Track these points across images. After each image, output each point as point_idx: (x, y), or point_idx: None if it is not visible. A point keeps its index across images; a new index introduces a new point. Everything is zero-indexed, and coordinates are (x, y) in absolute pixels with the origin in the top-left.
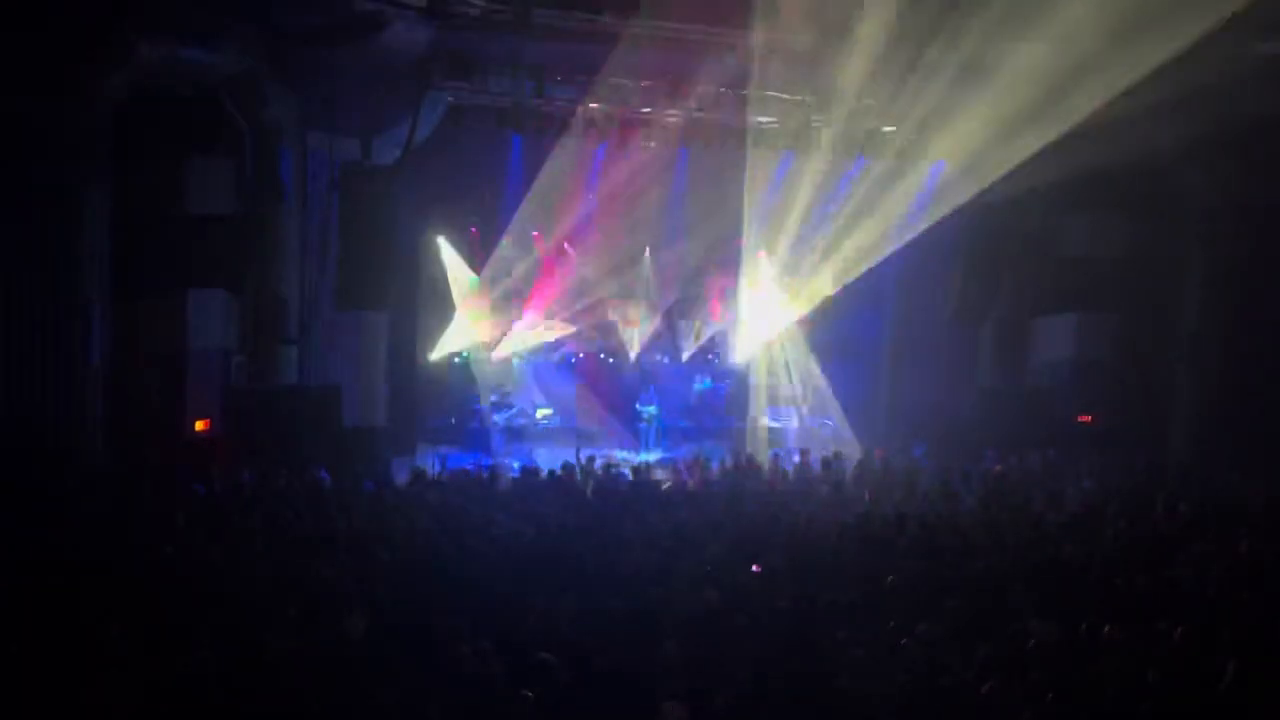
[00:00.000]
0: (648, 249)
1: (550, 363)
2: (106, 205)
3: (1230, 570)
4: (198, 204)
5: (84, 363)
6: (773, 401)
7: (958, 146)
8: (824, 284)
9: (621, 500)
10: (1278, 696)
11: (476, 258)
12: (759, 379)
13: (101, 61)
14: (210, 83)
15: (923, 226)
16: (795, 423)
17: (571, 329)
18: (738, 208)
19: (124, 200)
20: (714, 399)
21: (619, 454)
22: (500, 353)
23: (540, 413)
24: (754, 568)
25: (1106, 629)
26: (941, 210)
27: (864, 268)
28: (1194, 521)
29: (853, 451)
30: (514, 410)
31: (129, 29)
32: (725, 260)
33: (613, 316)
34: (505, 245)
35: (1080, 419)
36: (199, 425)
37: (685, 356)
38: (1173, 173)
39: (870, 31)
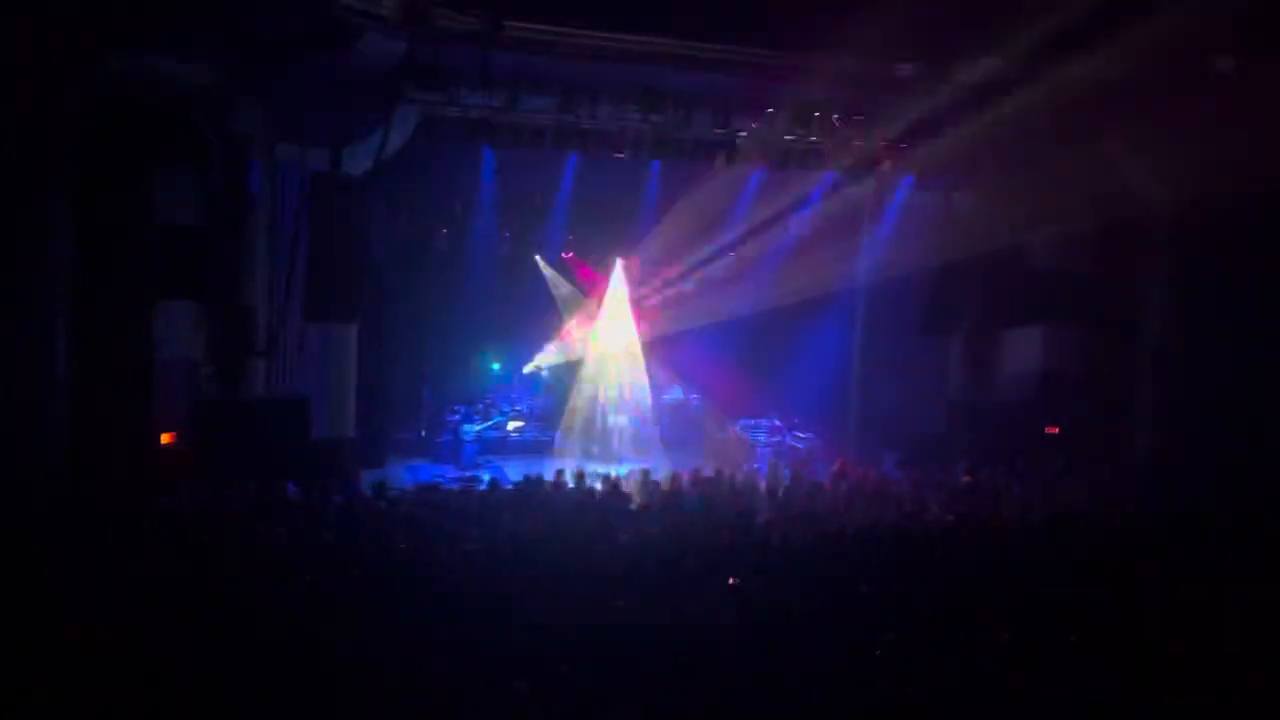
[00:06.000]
0: (619, 260)
1: (523, 375)
2: (70, 216)
3: (1192, 580)
4: (165, 215)
5: (48, 375)
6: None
7: (925, 161)
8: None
9: (593, 513)
10: (1241, 703)
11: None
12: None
13: (67, 70)
14: (178, 93)
15: (892, 238)
16: (769, 435)
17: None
18: (712, 220)
19: (89, 211)
20: (685, 411)
21: (590, 466)
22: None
23: (511, 425)
24: (729, 580)
25: (1073, 637)
26: (910, 223)
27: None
28: (1157, 532)
29: (825, 463)
30: (488, 424)
31: (95, 37)
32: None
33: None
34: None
35: (1048, 430)
36: (165, 438)
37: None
38: (1137, 187)
39: (839, 46)
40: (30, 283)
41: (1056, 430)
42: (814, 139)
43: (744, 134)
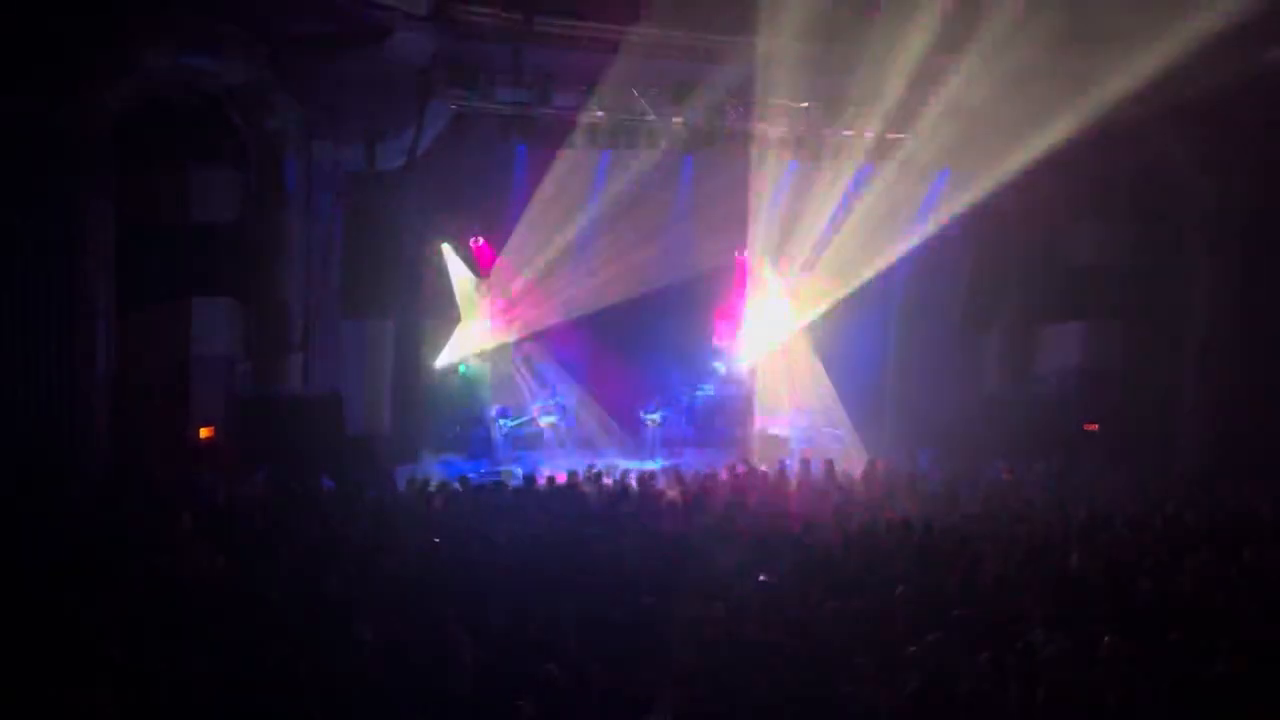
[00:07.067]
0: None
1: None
2: (110, 214)
3: (1235, 580)
4: (202, 212)
5: (89, 371)
6: (777, 409)
7: (965, 153)
8: (828, 291)
9: (625, 509)
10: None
11: (482, 266)
12: (765, 387)
13: (106, 70)
14: (215, 91)
15: (930, 233)
16: (802, 431)
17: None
18: (743, 216)
19: (128, 208)
20: (719, 407)
21: (623, 462)
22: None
23: (544, 420)
24: (761, 577)
25: (1109, 639)
26: (948, 217)
27: (870, 275)
28: (1199, 531)
29: (859, 460)
30: (521, 419)
31: (133, 38)
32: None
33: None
34: (509, 252)
35: (1087, 427)
36: (203, 433)
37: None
38: (1179, 180)
39: (877, 39)
40: (71, 279)
41: (1096, 427)
42: (847, 132)
43: (779, 128)
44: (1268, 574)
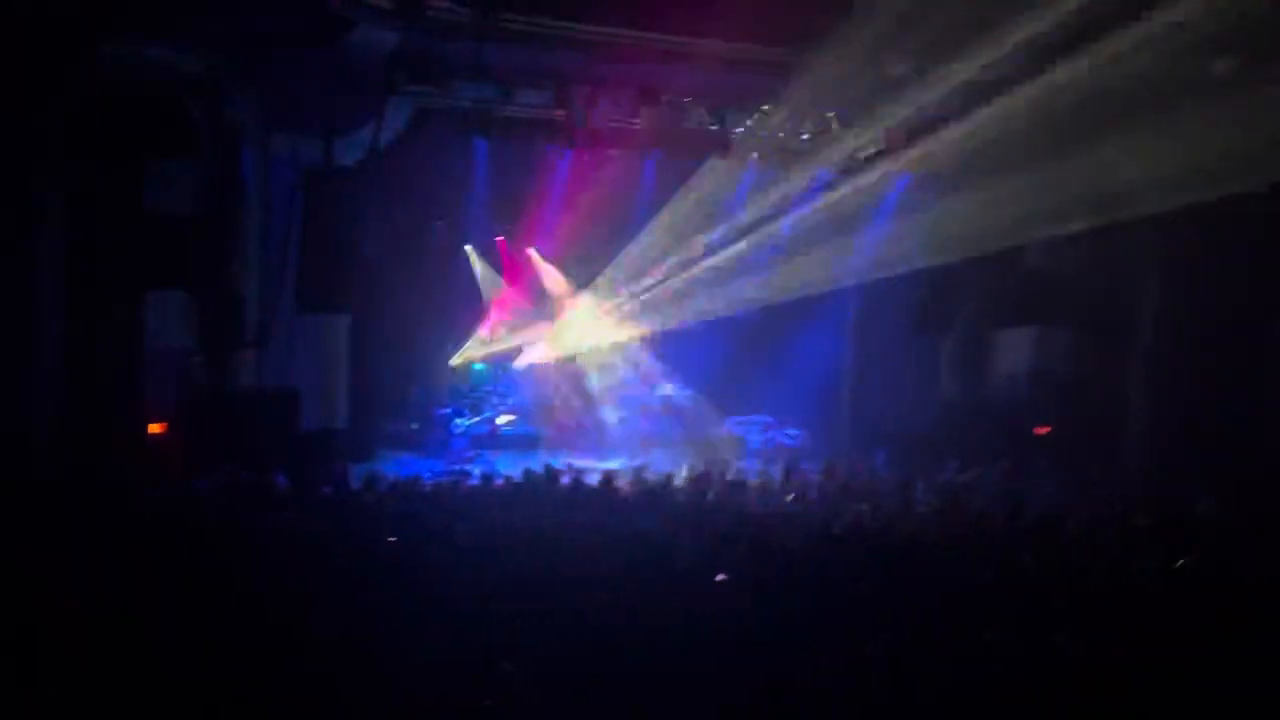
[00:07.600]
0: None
1: (513, 369)
2: (62, 206)
3: (1183, 581)
4: (157, 204)
5: (38, 366)
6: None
7: (921, 160)
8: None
9: (584, 507)
10: (1227, 703)
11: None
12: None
13: (61, 61)
14: (173, 82)
15: (885, 238)
16: (760, 432)
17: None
18: (705, 216)
19: (82, 200)
20: (676, 407)
21: (581, 461)
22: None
23: (502, 419)
24: (718, 576)
25: (1060, 637)
26: (904, 222)
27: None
28: (1148, 533)
29: (815, 461)
30: (478, 418)
31: (91, 28)
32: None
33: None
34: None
35: (1038, 431)
36: (154, 428)
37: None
38: (1130, 186)
39: (838, 44)
40: (20, 271)
41: (1047, 430)
42: (809, 136)
43: (739, 130)
44: (1215, 575)
